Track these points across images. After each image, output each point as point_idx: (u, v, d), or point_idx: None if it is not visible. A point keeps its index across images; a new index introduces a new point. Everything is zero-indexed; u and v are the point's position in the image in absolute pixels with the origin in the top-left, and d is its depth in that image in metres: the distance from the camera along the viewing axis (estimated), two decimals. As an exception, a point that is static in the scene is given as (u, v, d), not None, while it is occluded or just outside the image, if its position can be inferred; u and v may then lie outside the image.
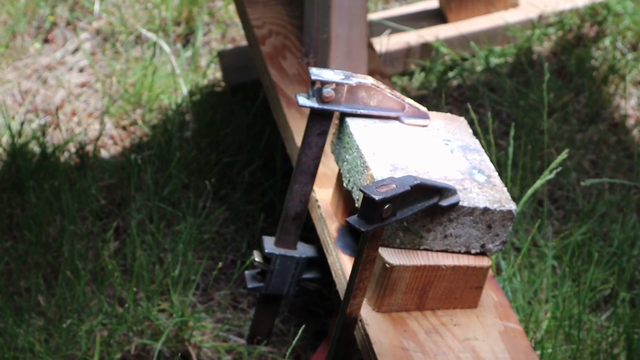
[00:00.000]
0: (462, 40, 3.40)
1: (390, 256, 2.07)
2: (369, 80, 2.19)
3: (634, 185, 3.04)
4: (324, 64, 2.60)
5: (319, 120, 2.20)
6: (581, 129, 3.21)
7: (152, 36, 3.53)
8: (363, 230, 1.90)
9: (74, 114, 3.33)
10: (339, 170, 2.24)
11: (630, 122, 3.26)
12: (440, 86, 3.34)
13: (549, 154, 3.09)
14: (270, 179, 3.02)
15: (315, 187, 2.34)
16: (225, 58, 3.31)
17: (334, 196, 2.31)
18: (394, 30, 3.39)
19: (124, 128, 3.26)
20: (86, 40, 3.59)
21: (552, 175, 2.60)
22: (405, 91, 3.34)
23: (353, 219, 1.92)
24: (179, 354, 2.55)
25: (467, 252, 2.12)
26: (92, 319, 2.63)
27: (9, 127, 3.07)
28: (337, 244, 2.23)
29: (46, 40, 3.60)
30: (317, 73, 2.16)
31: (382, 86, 2.20)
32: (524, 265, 2.74)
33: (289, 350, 2.36)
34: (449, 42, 3.39)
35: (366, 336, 2.07)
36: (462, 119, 2.31)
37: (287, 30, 2.76)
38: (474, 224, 2.08)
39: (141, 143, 3.16)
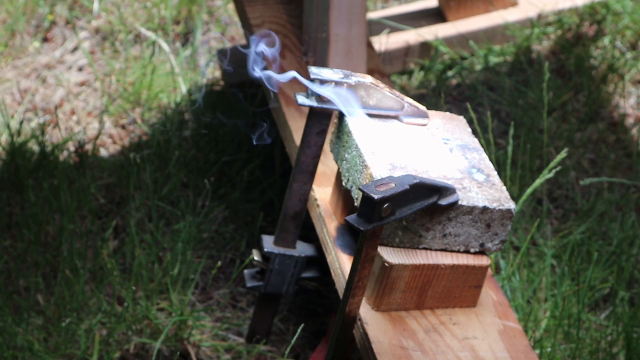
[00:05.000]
0: (462, 39, 3.40)
1: (390, 255, 2.07)
2: (368, 79, 2.19)
3: (633, 184, 3.04)
4: (323, 62, 2.60)
5: (318, 119, 2.20)
6: (580, 128, 3.21)
7: (151, 35, 3.53)
8: (362, 229, 1.90)
9: (73, 112, 3.32)
10: (338, 169, 2.24)
11: (629, 121, 3.26)
12: (440, 85, 3.34)
13: (548, 153, 3.09)
14: (269, 177, 3.02)
15: (314, 186, 2.33)
16: (224, 57, 3.31)
17: (333, 195, 2.31)
18: (393, 29, 3.39)
19: (123, 127, 3.26)
20: (85, 39, 3.59)
21: (551, 174, 2.60)
22: (404, 90, 3.34)
23: (352, 218, 1.92)
24: (178, 353, 2.54)
25: (466, 251, 2.12)
26: (91, 317, 2.63)
27: (8, 126, 3.07)
28: (336, 243, 2.23)
29: (45, 39, 3.60)
30: (316, 72, 2.16)
31: (381, 85, 2.20)
32: (523, 264, 2.74)
33: (288, 349, 2.36)
34: (448, 41, 3.39)
35: (365, 335, 2.07)
36: (461, 117, 2.31)
37: (286, 29, 2.76)
38: (473, 222, 2.08)
39: (140, 142, 3.16)
